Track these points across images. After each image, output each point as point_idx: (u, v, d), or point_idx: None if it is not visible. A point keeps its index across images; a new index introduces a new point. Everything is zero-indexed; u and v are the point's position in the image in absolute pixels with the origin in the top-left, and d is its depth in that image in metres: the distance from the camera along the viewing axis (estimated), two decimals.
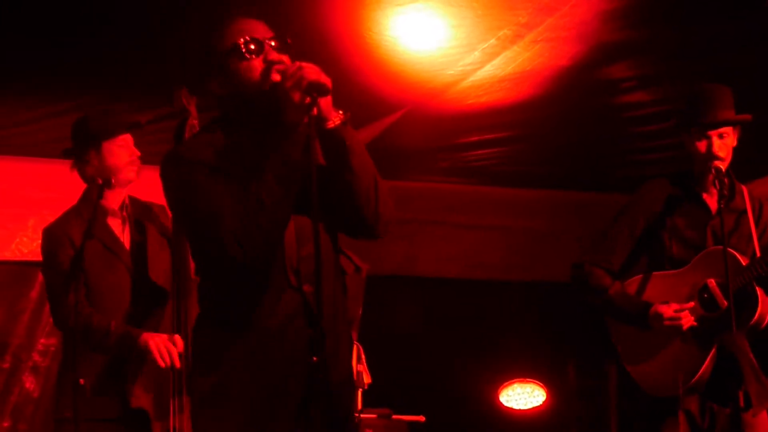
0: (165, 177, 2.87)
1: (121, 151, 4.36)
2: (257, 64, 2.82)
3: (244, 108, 2.87)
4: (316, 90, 2.67)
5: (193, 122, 4.16)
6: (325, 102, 2.77)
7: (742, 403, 4.03)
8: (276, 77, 2.76)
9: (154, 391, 4.15)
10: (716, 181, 4.05)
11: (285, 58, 2.83)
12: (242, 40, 2.82)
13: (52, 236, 4.33)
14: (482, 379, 7.51)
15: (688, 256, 4.20)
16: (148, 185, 4.45)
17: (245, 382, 2.81)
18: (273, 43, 2.84)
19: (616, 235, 4.31)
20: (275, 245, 2.74)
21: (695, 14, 4.67)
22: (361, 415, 5.89)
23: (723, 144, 4.15)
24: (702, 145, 4.16)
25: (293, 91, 2.67)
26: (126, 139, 4.39)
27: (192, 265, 4.13)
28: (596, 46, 4.93)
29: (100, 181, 4.24)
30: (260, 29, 2.86)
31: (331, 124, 2.81)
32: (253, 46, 2.82)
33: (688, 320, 4.08)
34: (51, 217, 4.45)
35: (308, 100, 2.67)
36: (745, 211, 4.14)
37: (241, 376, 2.81)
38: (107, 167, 4.33)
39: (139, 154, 4.39)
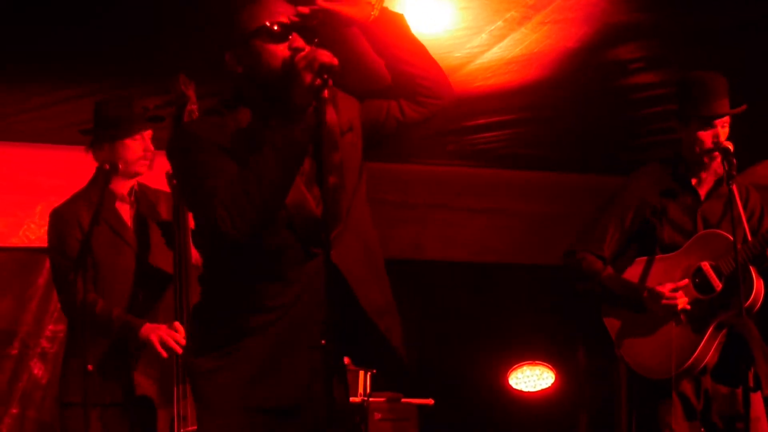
0: (172, 156, 2.86)
1: (136, 146, 4.33)
2: (281, 50, 2.77)
3: (259, 90, 2.83)
4: (327, 72, 2.64)
5: (192, 107, 4.15)
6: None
7: (751, 384, 4.04)
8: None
9: (157, 379, 4.15)
10: (725, 162, 4.06)
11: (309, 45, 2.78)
12: (270, 22, 2.77)
13: (60, 218, 4.32)
14: (491, 361, 7.51)
15: (679, 241, 4.23)
16: (153, 170, 4.48)
17: (256, 358, 2.80)
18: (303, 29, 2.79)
19: (607, 222, 4.33)
20: (265, 220, 2.70)
21: None
22: (370, 399, 5.91)
23: (725, 133, 4.20)
24: (706, 135, 4.18)
25: (305, 72, 2.64)
26: (144, 135, 4.37)
27: (193, 252, 4.14)
28: (604, 28, 4.92)
29: (108, 167, 4.24)
30: (288, 11, 2.80)
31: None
32: (280, 31, 2.77)
33: (682, 300, 4.11)
34: (59, 204, 4.44)
35: (319, 81, 2.65)
36: (733, 197, 4.14)
37: (252, 355, 2.81)
38: (119, 158, 4.32)
39: (152, 150, 4.36)
